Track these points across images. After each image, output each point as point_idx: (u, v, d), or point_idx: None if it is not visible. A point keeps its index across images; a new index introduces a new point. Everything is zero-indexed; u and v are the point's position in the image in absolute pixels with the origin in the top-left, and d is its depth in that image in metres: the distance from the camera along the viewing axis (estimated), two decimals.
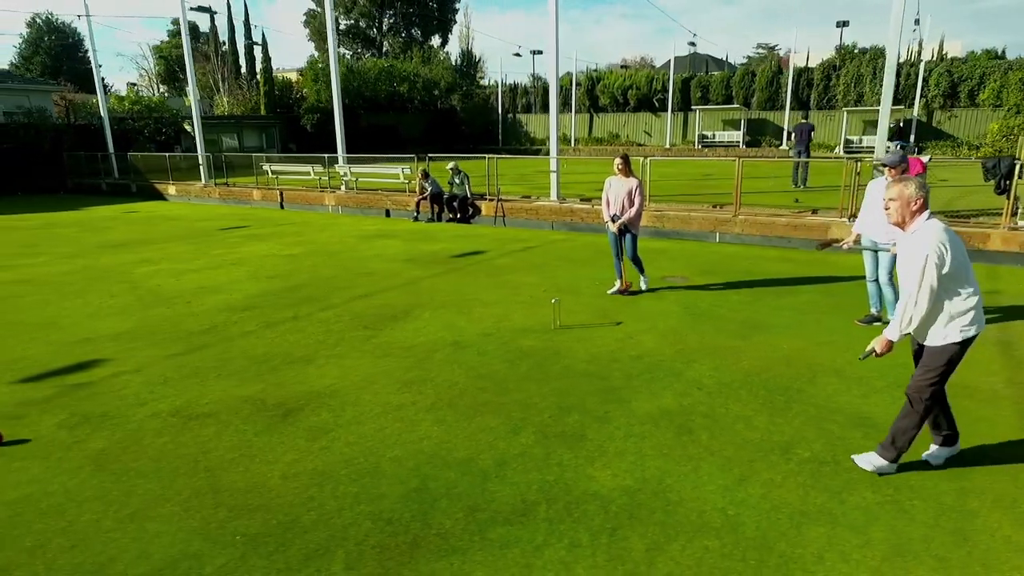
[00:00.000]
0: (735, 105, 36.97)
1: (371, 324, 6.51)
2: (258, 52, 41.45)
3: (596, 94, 42.50)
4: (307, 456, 3.88)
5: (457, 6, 56.70)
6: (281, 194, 17.65)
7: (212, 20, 44.32)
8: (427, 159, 15.32)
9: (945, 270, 3.18)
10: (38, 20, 49.14)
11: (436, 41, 56.93)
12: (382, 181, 16.86)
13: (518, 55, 45.36)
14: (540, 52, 52.20)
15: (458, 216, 14.16)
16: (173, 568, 2.90)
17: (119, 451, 3.99)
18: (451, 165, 14.12)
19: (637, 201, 7.11)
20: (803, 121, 21.63)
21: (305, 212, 16.63)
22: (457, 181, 14.02)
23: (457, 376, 5.09)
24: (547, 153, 37.57)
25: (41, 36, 49.15)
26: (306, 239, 12.04)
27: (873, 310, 6.28)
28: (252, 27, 47.37)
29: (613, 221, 7.19)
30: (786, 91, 34.56)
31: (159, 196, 21.17)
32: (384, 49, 55.94)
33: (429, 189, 14.14)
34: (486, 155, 15.03)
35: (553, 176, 13.64)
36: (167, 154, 22.77)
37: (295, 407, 4.57)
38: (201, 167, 20.62)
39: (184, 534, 3.14)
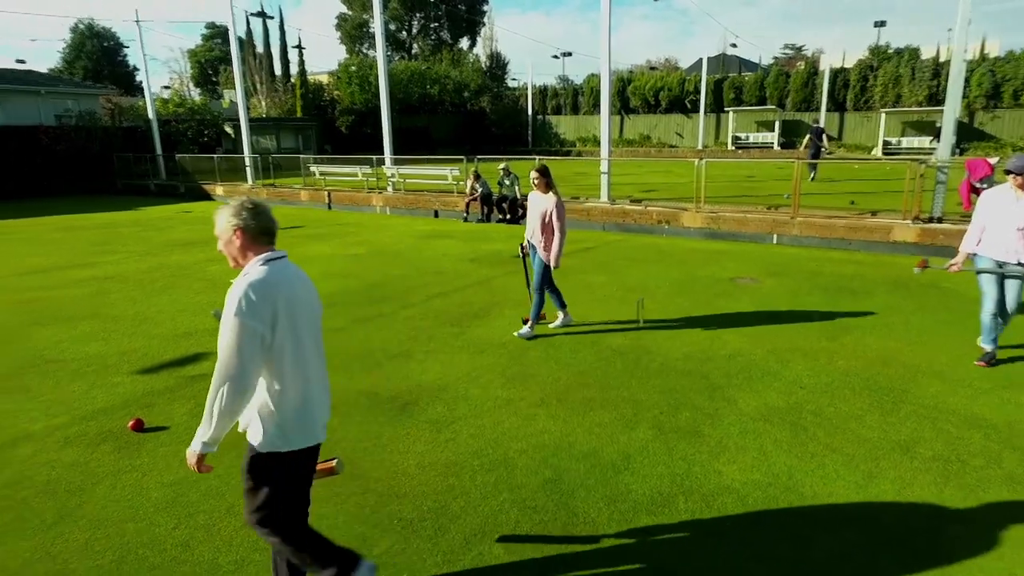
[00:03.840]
0: (769, 106, 36.70)
1: (456, 322, 6.67)
2: (293, 55, 42.17)
3: (627, 96, 42.45)
4: (436, 447, 4.03)
5: (485, 8, 57.03)
6: (329, 195, 17.96)
7: (248, 24, 45.19)
8: (476, 160, 15.51)
9: None
10: (80, 25, 50.45)
11: (465, 43, 57.31)
12: (428, 182, 17.09)
13: (556, 57, 45.53)
14: (569, 54, 52.32)
15: (508, 217, 14.31)
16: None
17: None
18: (502, 166, 14.27)
19: (557, 225, 5.75)
20: (816, 124, 22.50)
21: (354, 213, 16.91)
22: (507, 182, 14.16)
23: (557, 372, 5.21)
24: (578, 155, 37.64)
25: (83, 41, 50.45)
26: (365, 239, 12.28)
27: (989, 347, 5.12)
28: (285, 31, 48.19)
29: (522, 251, 6.26)
30: (821, 92, 34.19)
31: (207, 196, 21.66)
32: (414, 52, 56.45)
33: (479, 190, 14.32)
34: (535, 156, 15.15)
35: (604, 177, 13.72)
36: (214, 155, 23.29)
37: (410, 400, 4.72)
38: (248, 168, 21.06)
39: (345, 517, 3.31)
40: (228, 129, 30.91)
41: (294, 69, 41.05)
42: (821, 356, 5.47)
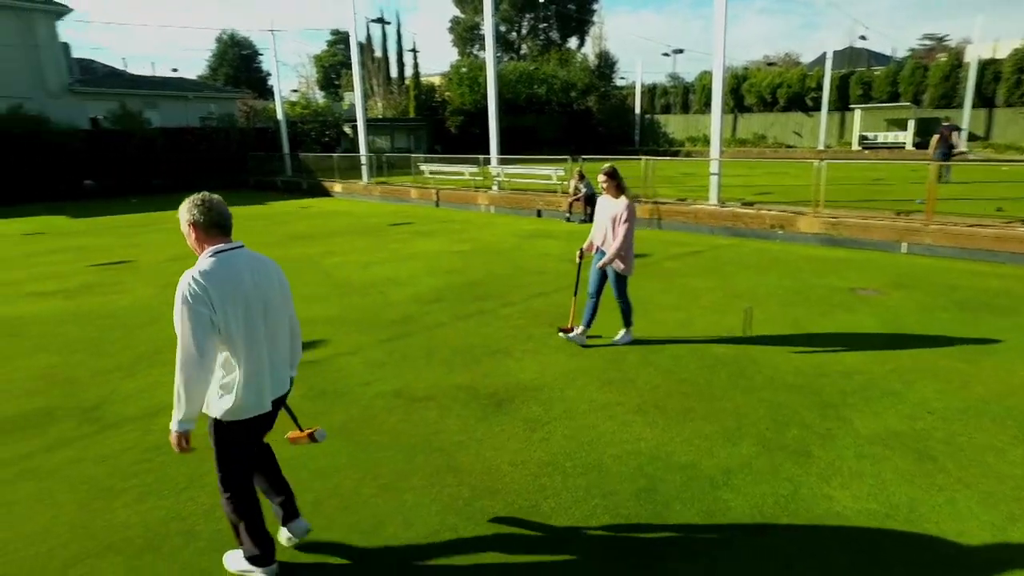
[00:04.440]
0: (903, 103, 33.74)
1: (555, 322, 6.66)
2: (408, 58, 43.98)
3: (741, 93, 40.62)
4: (530, 446, 4.06)
5: (595, 7, 56.57)
6: (437, 193, 18.56)
7: (368, 29, 47.62)
8: (580, 160, 15.44)
9: None
10: (224, 36, 55.36)
11: (573, 43, 57.18)
12: (532, 182, 17.22)
13: (666, 55, 44.49)
14: (681, 51, 50.80)
15: None
16: (436, 537, 3.15)
17: (358, 425, 4.39)
18: (606, 167, 14.09)
19: (621, 231, 5.52)
20: (947, 122, 20.17)
21: (460, 211, 17.37)
22: None
23: (656, 379, 5.08)
24: (687, 155, 36.47)
25: (225, 50, 55.33)
26: (470, 237, 12.58)
27: None
28: (402, 35, 50.34)
29: (580, 256, 5.90)
30: (965, 86, 30.94)
31: (326, 193, 23.08)
32: (523, 52, 57.08)
33: (583, 191, 14.23)
34: (642, 156, 14.87)
35: (713, 179, 13.20)
36: (334, 154, 24.76)
37: (506, 397, 4.79)
38: (363, 167, 22.20)
39: (438, 507, 3.40)
40: (347, 129, 32.75)
41: (409, 72, 42.79)
42: (954, 379, 4.96)
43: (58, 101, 25.53)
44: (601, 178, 5.64)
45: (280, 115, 27.68)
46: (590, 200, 14.33)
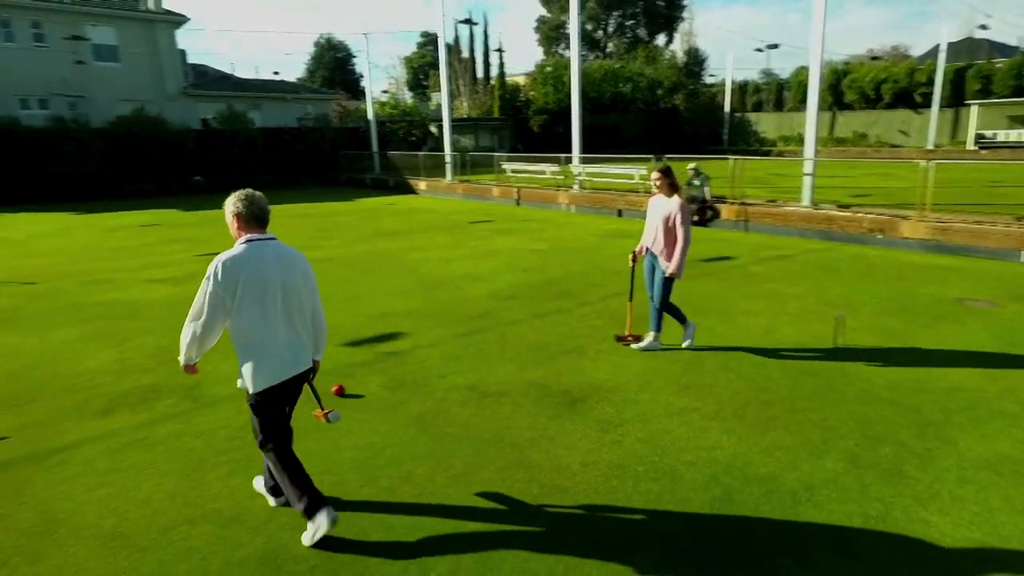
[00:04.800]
0: None
1: (633, 323, 6.55)
2: (494, 58, 44.53)
3: (841, 89, 38.39)
4: (601, 447, 4.01)
5: (685, 3, 55.07)
6: (518, 191, 18.70)
7: (456, 30, 48.57)
8: (664, 160, 15.09)
9: None
10: (321, 40, 58.15)
11: (661, 40, 55.94)
12: (614, 181, 17.01)
13: (760, 50, 42.73)
14: (776, 46, 48.62)
15: (695, 219, 13.72)
16: (501, 530, 3.18)
17: (433, 416, 4.50)
18: (692, 166, 13.72)
19: (680, 233, 5.30)
20: None
21: (540, 209, 17.41)
22: (697, 183, 13.58)
23: (736, 385, 4.90)
24: (779, 154, 34.85)
25: (322, 53, 58.08)
26: (549, 235, 12.60)
27: None
28: (488, 36, 51.01)
29: (633, 259, 5.76)
30: None
31: (411, 190, 23.77)
32: (608, 50, 56.43)
33: None
34: (729, 156, 14.35)
35: (807, 179, 12.55)
36: (419, 153, 25.46)
37: (579, 397, 4.76)
38: (447, 165, 22.69)
39: (507, 502, 3.43)
40: (433, 129, 33.57)
41: (494, 72, 43.32)
42: None
43: (174, 103, 27.69)
44: (654, 176, 5.49)
45: (370, 115, 28.77)
46: None
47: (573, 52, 17.81)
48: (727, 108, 43.77)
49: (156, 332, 6.60)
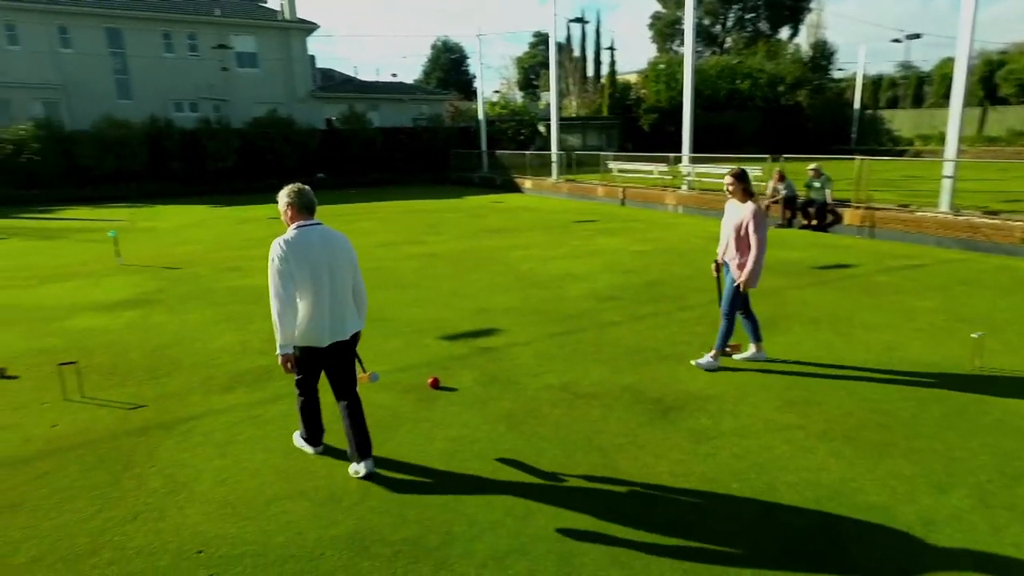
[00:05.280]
0: None
1: (735, 331, 6.24)
2: (605, 57, 44.06)
3: (995, 82, 34.42)
4: (693, 458, 3.85)
5: None
6: (623, 191, 18.39)
7: (568, 29, 48.54)
8: (781, 159, 14.26)
9: None
10: (438, 42, 60.24)
11: (785, 33, 52.82)
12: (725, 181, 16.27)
13: (898, 41, 39.38)
14: (918, 36, 44.45)
15: (814, 223, 12.85)
16: (585, 538, 3.13)
17: (523, 414, 4.52)
18: (812, 167, 12.85)
19: (754, 241, 4.93)
20: None
21: (645, 210, 17.03)
22: (817, 184, 12.71)
23: (849, 405, 4.53)
24: (916, 155, 31.87)
25: (438, 55, 60.14)
26: (653, 236, 12.29)
27: None
28: (600, 34, 50.50)
29: (717, 268, 5.44)
30: None
31: (517, 189, 24.05)
32: (726, 46, 54.09)
33: (783, 192, 13.13)
34: (857, 156, 13.29)
35: (946, 182, 11.36)
36: (526, 152, 25.71)
37: (673, 405, 4.60)
38: (553, 164, 22.74)
39: (591, 507, 3.37)
40: (541, 128, 33.76)
41: (605, 70, 42.84)
42: None
43: (303, 105, 29.78)
44: (727, 180, 5.12)
45: (480, 115, 29.41)
46: (790, 203, 13.19)
47: (687, 47, 17.23)
48: (856, 104, 40.56)
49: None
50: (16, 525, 3.26)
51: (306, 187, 3.62)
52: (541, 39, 57.84)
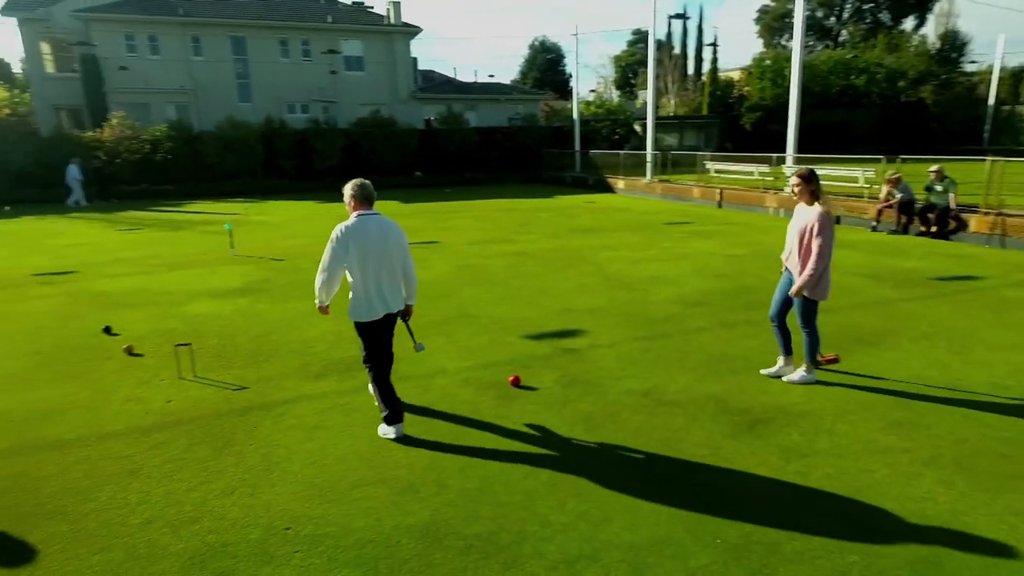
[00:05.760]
0: None
1: (834, 344, 5.85)
2: (707, 53, 42.56)
3: None
4: (781, 476, 3.65)
5: None
6: (720, 192, 17.71)
7: (669, 26, 47.29)
8: (897, 160, 13.20)
9: None
10: (536, 42, 60.59)
11: (909, 24, 48.85)
12: (833, 184, 15.28)
13: None
14: None
15: (933, 230, 11.81)
16: (659, 549, 3.04)
17: (602, 418, 4.45)
18: (933, 168, 11.80)
19: (815, 246, 4.55)
20: None
21: (744, 212, 16.32)
22: (939, 188, 11.66)
23: (964, 430, 4.12)
24: None
25: (535, 55, 60.49)
26: (750, 240, 11.76)
27: None
28: (703, 30, 48.85)
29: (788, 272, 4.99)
30: None
31: (609, 189, 23.76)
32: (841, 39, 50.78)
33: (899, 196, 12.15)
34: (989, 157, 12.06)
35: None
36: (620, 152, 25.34)
37: (762, 418, 4.38)
38: (648, 164, 22.27)
39: (666, 518, 3.28)
40: (637, 127, 33.17)
41: (706, 67, 41.42)
42: None
43: (404, 106, 30.88)
44: (793, 181, 4.76)
45: (575, 114, 29.30)
46: (906, 208, 12.20)
47: (796, 40, 16.31)
48: (991, 100, 36.82)
49: None
50: (133, 489, 3.60)
51: (367, 182, 4.11)
52: (641, 37, 56.78)
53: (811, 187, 4.68)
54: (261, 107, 28.31)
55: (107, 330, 6.66)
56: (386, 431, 4.19)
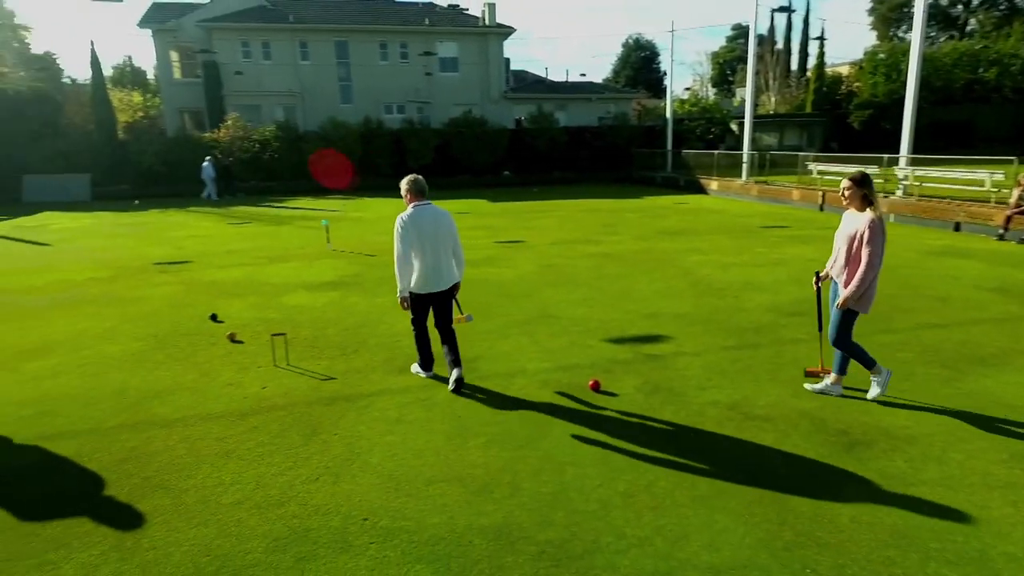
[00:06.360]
0: None
1: (949, 363, 5.36)
2: (812, 48, 40.22)
3: None
4: (882, 505, 3.36)
5: None
6: (823, 195, 16.68)
7: (772, 20, 45.14)
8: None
9: None
10: (630, 40, 59.61)
11: None
12: (953, 187, 14.02)
13: None
14: None
15: None
16: (740, 572, 2.87)
17: (685, 429, 4.28)
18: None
19: (865, 255, 4.24)
20: None
21: None
22: None
23: None
24: None
25: (629, 54, 59.51)
26: None
27: None
28: (809, 23, 46.17)
29: (817, 280, 4.82)
30: None
31: (701, 190, 22.98)
32: (969, 28, 46.50)
33: None
34: None
35: None
36: (714, 151, 24.44)
37: (861, 440, 4.05)
38: (744, 164, 21.34)
39: (750, 541, 3.10)
40: (733, 126, 31.87)
41: (811, 63, 39.16)
42: None
43: (495, 106, 31.28)
44: (844, 184, 4.47)
45: (668, 113, 28.56)
46: None
47: (916, 31, 15.06)
48: None
49: None
50: (228, 470, 3.83)
51: (420, 177, 4.87)
52: (741, 32, 54.57)
53: (863, 192, 4.40)
54: (361, 108, 29.56)
55: (213, 317, 7.16)
56: (416, 369, 5.29)
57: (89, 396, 5.00)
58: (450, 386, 4.90)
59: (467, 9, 34.82)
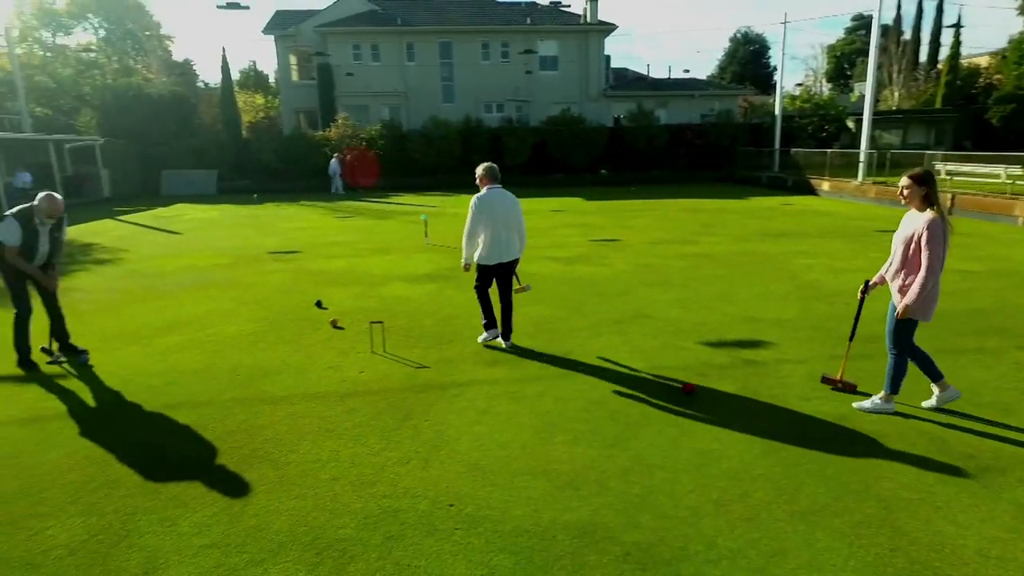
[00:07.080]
0: None
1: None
2: (946, 37, 36.77)
3: None
4: (1015, 540, 3.01)
5: None
6: (952, 197, 15.23)
7: (899, 7, 41.69)
8: None
9: None
10: (738, 34, 57.11)
11: None
12: None
13: None
14: None
15: None
16: None
17: (787, 441, 4.03)
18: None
19: (924, 259, 3.90)
20: None
21: (981, 221, 13.87)
22: None
23: None
24: None
25: (737, 48, 57.03)
26: (987, 254, 9.96)
27: None
28: (943, 10, 42.21)
29: (864, 290, 4.63)
30: None
31: (811, 191, 21.65)
32: None
33: None
34: None
35: None
36: (827, 150, 22.95)
37: (992, 466, 3.65)
38: (860, 164, 19.90)
39: (856, 564, 2.87)
40: (850, 123, 29.78)
41: (945, 53, 35.82)
42: None
43: (594, 104, 31.01)
44: (904, 182, 4.10)
45: (777, 110, 27.12)
46: None
47: None
48: None
49: (543, 303, 7.55)
50: (327, 447, 4.03)
51: (494, 165, 5.70)
52: (862, 23, 50.91)
53: (924, 191, 4.03)
54: (462, 107, 30.25)
55: (318, 304, 7.57)
56: (483, 337, 5.96)
57: (208, 371, 5.43)
58: (485, 339, 5.95)
59: (568, 6, 34.69)
